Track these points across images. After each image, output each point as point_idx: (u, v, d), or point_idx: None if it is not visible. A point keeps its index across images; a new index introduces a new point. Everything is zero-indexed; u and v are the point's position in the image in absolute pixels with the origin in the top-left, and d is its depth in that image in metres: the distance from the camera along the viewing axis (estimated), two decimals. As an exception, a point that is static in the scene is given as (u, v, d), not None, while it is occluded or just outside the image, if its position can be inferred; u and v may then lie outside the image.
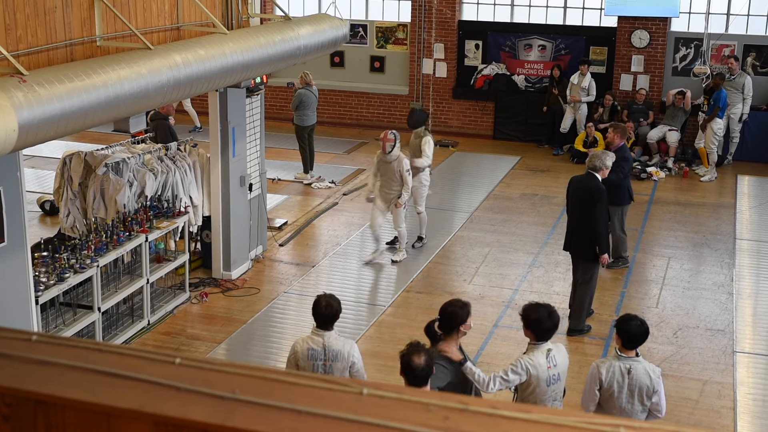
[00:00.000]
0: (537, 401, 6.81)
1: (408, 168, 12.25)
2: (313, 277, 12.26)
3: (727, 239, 13.83)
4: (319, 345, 7.05)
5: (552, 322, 6.80)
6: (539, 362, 6.74)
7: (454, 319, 6.67)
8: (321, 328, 7.09)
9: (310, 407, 1.66)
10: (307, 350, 7.09)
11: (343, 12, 19.24)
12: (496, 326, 10.73)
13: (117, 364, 1.82)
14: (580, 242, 10.35)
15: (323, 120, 19.30)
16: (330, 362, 7.01)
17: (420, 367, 5.90)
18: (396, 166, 12.19)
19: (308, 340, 7.14)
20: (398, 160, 12.19)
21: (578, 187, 10.43)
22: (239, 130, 11.79)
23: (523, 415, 1.65)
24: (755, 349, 10.39)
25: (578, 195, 10.35)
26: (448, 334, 6.71)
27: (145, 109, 9.02)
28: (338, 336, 7.17)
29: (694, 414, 8.91)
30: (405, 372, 5.98)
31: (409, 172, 12.27)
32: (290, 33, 11.03)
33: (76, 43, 8.42)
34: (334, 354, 7.04)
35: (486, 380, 6.72)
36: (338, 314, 7.13)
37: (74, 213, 11.08)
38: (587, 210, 10.13)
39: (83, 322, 9.43)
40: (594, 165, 10.27)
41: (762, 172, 17.45)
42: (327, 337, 7.06)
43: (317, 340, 7.08)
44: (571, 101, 18.34)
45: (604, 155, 10.42)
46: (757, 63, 18.42)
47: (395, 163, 12.19)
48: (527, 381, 6.76)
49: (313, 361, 7.05)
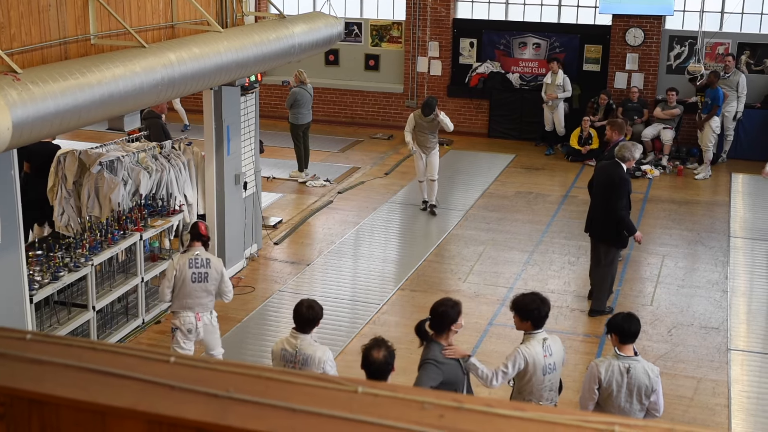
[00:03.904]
0: (533, 390, 6.91)
1: None
2: (308, 275, 12.26)
3: (722, 237, 13.85)
4: (293, 347, 7.03)
5: (546, 308, 6.98)
6: (536, 350, 6.85)
7: (445, 318, 6.69)
8: (298, 330, 7.08)
9: (305, 405, 1.66)
10: (280, 351, 7.09)
11: (337, 10, 19.22)
12: (491, 324, 10.74)
13: (111, 363, 1.82)
14: (599, 226, 10.83)
15: (318, 118, 19.29)
16: (300, 366, 6.96)
17: (378, 361, 5.94)
18: None
19: (284, 342, 7.14)
20: None
21: (603, 173, 10.83)
22: (234, 129, 11.78)
23: (518, 413, 1.65)
24: (749, 346, 10.41)
25: (601, 181, 10.77)
26: (439, 334, 6.72)
27: (139, 108, 9.01)
28: (314, 341, 7.13)
29: (689, 411, 8.93)
30: (364, 366, 6.02)
31: None
32: (285, 31, 11.02)
33: (71, 41, 8.41)
34: (305, 358, 6.99)
35: (490, 376, 6.82)
36: (318, 319, 7.11)
37: (69, 211, 11.06)
38: (609, 196, 10.53)
39: (78, 320, 9.42)
40: (623, 155, 10.55)
41: (756, 170, 17.43)
42: (301, 341, 7.03)
43: (292, 342, 7.07)
44: (548, 99, 18.38)
45: (633, 147, 10.72)
46: (751, 61, 18.45)
47: None
48: (524, 370, 6.84)
49: (285, 362, 7.03)
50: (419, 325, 6.84)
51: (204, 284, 8.56)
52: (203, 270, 8.53)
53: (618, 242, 10.84)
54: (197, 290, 8.56)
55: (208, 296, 8.66)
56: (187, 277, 8.51)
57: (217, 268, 8.63)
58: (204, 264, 8.54)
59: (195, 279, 8.52)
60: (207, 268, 8.55)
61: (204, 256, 8.59)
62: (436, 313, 6.72)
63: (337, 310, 10.96)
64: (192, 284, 8.53)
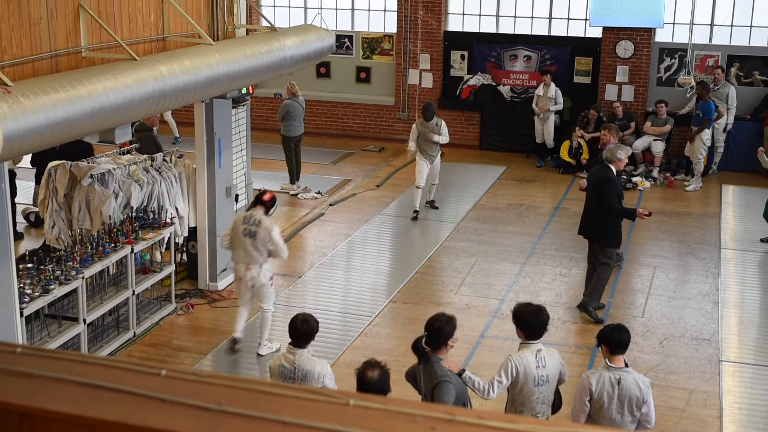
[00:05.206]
0: (525, 402, 6.93)
1: None
2: (300, 287, 12.24)
3: (713, 248, 13.89)
4: (291, 363, 7.01)
5: (540, 319, 6.96)
6: (528, 360, 6.88)
7: (441, 334, 6.68)
8: (295, 345, 7.06)
9: (296, 418, 1.66)
10: (278, 367, 7.07)
11: (329, 23, 19.19)
12: (482, 336, 10.73)
13: (102, 376, 1.81)
14: (591, 226, 11.18)
15: (309, 130, 19.30)
16: (299, 382, 6.94)
17: (373, 380, 5.93)
18: None
19: (282, 358, 7.12)
20: None
21: (592, 176, 11.30)
22: (225, 141, 11.78)
23: (510, 426, 1.65)
24: (741, 358, 10.42)
25: (591, 183, 11.21)
26: (436, 349, 6.71)
27: (130, 120, 9.00)
28: (311, 356, 7.12)
29: (681, 423, 8.93)
30: (359, 387, 5.99)
31: None
32: (276, 44, 11.03)
33: (62, 54, 8.40)
34: (304, 374, 6.98)
35: (486, 388, 6.88)
36: (314, 333, 7.09)
37: (59, 224, 11.04)
38: (598, 197, 10.93)
39: (68, 334, 9.38)
40: (607, 157, 11.00)
41: (746, 182, 17.54)
42: (299, 356, 7.02)
43: (289, 357, 7.05)
44: (540, 111, 18.44)
45: (616, 148, 11.13)
46: (741, 73, 18.54)
47: None
48: (515, 379, 6.87)
49: (284, 379, 7.01)
50: (416, 342, 6.83)
51: (252, 240, 9.79)
52: (253, 228, 9.80)
53: (611, 241, 11.14)
54: (246, 244, 9.82)
55: (257, 251, 9.83)
56: (239, 231, 9.84)
57: (267, 229, 9.81)
58: (255, 223, 9.80)
59: (245, 234, 9.82)
60: (257, 227, 9.79)
61: (258, 217, 9.83)
62: (432, 329, 6.72)
63: (329, 322, 10.94)
64: (242, 238, 9.83)
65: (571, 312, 11.40)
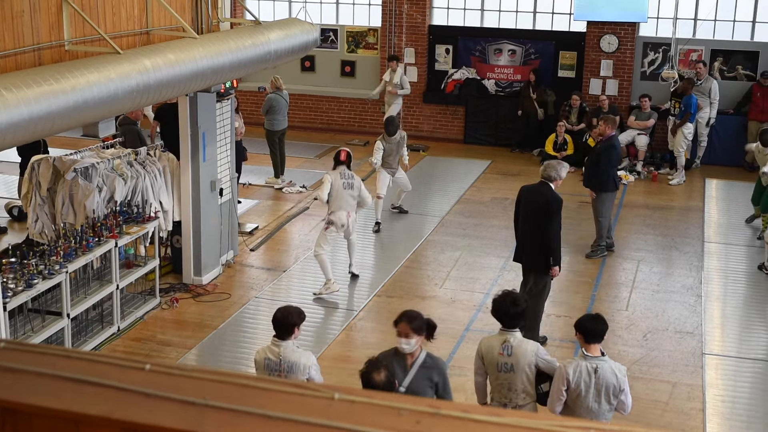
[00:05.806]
0: (492, 385, 7.25)
1: None
2: (285, 281, 12.23)
3: (696, 242, 13.95)
4: (276, 355, 7.02)
5: (514, 309, 7.12)
6: (491, 344, 7.18)
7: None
8: (278, 338, 7.08)
9: (282, 413, 1.66)
10: (263, 360, 7.07)
11: (313, 17, 19.22)
12: (467, 330, 10.75)
13: (86, 371, 1.80)
14: (533, 253, 10.07)
15: (294, 124, 19.26)
16: (285, 374, 6.96)
17: (382, 383, 5.95)
18: None
19: (266, 350, 7.13)
20: None
21: (532, 196, 10.10)
22: (209, 135, 11.74)
23: (494, 419, 1.65)
24: (724, 351, 10.48)
25: (532, 204, 10.04)
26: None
27: (114, 114, 8.97)
28: (296, 347, 7.13)
29: (664, 416, 8.98)
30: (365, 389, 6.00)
31: None
32: (260, 37, 11.00)
33: (44, 47, 8.36)
34: (290, 365, 6.99)
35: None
36: (295, 325, 7.10)
37: (43, 218, 10.98)
38: (543, 220, 9.89)
39: (52, 328, 9.34)
40: (549, 175, 9.96)
41: (729, 176, 17.63)
42: (284, 348, 7.03)
43: (274, 350, 7.06)
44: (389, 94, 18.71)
45: (559, 166, 10.15)
46: (724, 68, 18.61)
47: None
48: (481, 362, 7.24)
49: (269, 371, 7.01)
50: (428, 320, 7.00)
51: (350, 191, 11.54)
52: (350, 181, 11.55)
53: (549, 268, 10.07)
54: (346, 196, 11.50)
55: (354, 200, 11.61)
56: (339, 185, 11.45)
57: (358, 180, 11.68)
58: (350, 176, 11.57)
59: (345, 187, 11.48)
60: (352, 179, 11.58)
61: (348, 171, 11.58)
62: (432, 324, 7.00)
63: (314, 316, 10.93)
64: (343, 191, 11.47)
65: (554, 305, 11.42)
